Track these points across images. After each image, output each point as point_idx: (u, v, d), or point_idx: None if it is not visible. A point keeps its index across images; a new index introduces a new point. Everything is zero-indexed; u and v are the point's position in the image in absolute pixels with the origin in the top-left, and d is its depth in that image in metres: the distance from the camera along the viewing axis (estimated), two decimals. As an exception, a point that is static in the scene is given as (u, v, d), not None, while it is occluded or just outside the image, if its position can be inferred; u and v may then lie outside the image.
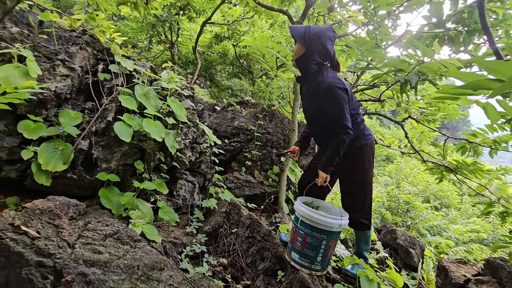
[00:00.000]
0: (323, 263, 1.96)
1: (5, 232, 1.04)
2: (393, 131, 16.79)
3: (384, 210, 6.33)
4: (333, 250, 1.98)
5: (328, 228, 1.84)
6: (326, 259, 1.95)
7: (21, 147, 2.09)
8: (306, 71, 2.01)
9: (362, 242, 2.20)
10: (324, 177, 1.97)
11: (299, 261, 1.96)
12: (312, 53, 1.92)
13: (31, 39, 2.15)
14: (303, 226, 1.92)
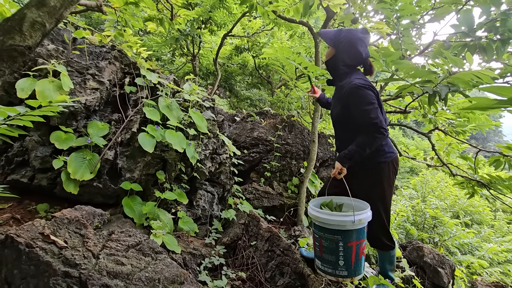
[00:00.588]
0: (349, 268, 1.72)
1: (35, 241, 1.08)
2: (417, 141, 16.12)
3: (409, 225, 6.02)
4: (358, 251, 1.72)
5: (340, 227, 1.65)
6: (351, 262, 1.72)
7: (52, 156, 2.21)
8: (335, 74, 1.97)
9: (386, 262, 2.06)
10: (339, 169, 1.83)
11: (322, 268, 1.79)
12: (341, 55, 1.88)
13: (65, 55, 2.29)
14: (316, 229, 1.78)
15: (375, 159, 1.88)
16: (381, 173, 1.88)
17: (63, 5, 0.76)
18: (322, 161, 4.05)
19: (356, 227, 1.68)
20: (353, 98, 1.77)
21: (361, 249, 1.75)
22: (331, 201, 1.99)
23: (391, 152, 1.92)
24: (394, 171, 1.94)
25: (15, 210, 2.22)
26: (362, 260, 1.79)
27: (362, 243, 1.75)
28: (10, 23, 0.73)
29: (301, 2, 1.77)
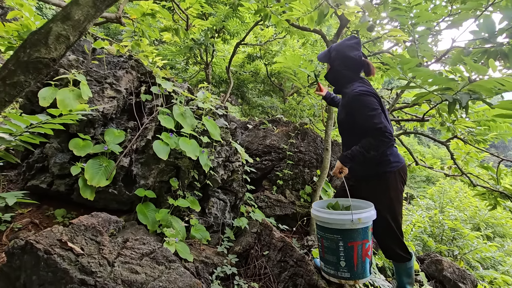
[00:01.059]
0: (352, 269, 1.67)
1: (53, 248, 1.10)
2: (433, 150, 15.66)
3: (426, 236, 5.80)
4: (360, 252, 1.67)
5: (339, 226, 1.63)
6: (353, 264, 1.66)
7: (70, 163, 2.26)
8: (338, 84, 2.03)
9: (403, 274, 1.98)
10: (340, 167, 1.85)
11: (325, 269, 1.78)
12: (337, 66, 1.95)
13: (85, 65, 2.37)
14: (317, 229, 1.77)
15: (380, 168, 1.87)
16: (387, 182, 1.87)
17: (86, 18, 0.79)
18: (336, 169, 3.98)
19: (356, 226, 1.64)
20: (356, 105, 1.81)
21: (365, 250, 1.67)
22: (336, 202, 1.97)
23: (396, 161, 1.89)
24: (402, 180, 1.91)
25: (34, 215, 2.28)
26: (367, 262, 1.71)
27: (366, 244, 1.67)
28: (36, 36, 0.77)
29: (316, 11, 1.77)
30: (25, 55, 0.76)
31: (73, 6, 0.78)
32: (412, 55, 2.29)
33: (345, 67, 1.93)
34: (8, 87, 0.75)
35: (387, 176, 1.87)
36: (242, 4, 2.80)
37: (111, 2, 0.81)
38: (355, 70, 1.96)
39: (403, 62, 1.55)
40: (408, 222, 6.35)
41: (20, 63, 0.75)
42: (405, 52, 4.11)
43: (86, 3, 0.78)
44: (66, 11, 0.78)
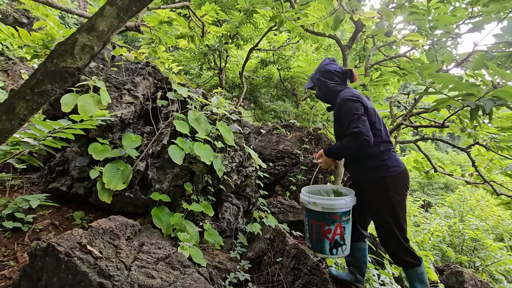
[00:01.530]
0: (312, 242, 2.04)
1: (74, 251, 1.13)
2: (452, 156, 15.11)
3: (445, 246, 5.58)
4: (318, 230, 1.96)
5: (304, 205, 2.00)
6: (312, 238, 2.02)
7: (89, 166, 2.33)
8: (329, 100, 2.17)
9: (415, 281, 1.91)
10: (321, 155, 2.06)
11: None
12: (323, 83, 2.10)
13: (105, 72, 2.45)
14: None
15: (378, 174, 1.89)
16: (386, 187, 1.87)
17: (110, 29, 0.82)
18: (350, 175, 3.91)
19: (315, 208, 1.92)
20: (343, 110, 1.90)
21: (323, 231, 1.95)
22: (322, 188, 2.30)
23: (395, 166, 1.90)
24: (403, 184, 1.91)
25: (54, 216, 2.36)
26: (326, 242, 1.96)
27: (324, 227, 1.94)
28: (63, 47, 0.80)
29: (331, 17, 1.77)
30: (52, 65, 0.79)
31: (98, 18, 0.81)
32: (431, 59, 2.23)
33: (331, 80, 2.07)
34: (36, 95, 0.79)
35: (386, 181, 1.87)
36: (257, 11, 2.83)
37: (133, 13, 0.83)
38: (341, 80, 2.08)
39: (423, 68, 1.51)
40: (426, 230, 6.14)
41: (47, 72, 0.79)
42: (423, 55, 4.02)
43: (110, 14, 0.81)
44: (91, 22, 0.81)
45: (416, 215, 6.96)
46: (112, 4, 0.81)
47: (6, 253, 1.94)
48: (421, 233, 6.16)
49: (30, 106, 0.80)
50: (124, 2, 0.80)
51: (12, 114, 0.79)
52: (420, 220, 6.95)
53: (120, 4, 0.81)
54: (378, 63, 3.64)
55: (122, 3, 0.80)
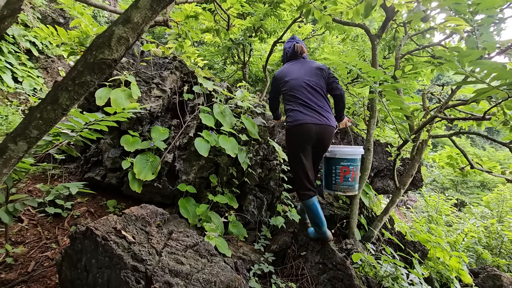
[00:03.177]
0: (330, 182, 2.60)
1: (109, 235, 1.19)
2: (490, 152, 14.04)
3: (481, 248, 5.24)
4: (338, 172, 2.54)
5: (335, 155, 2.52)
6: (335, 179, 2.57)
7: (121, 157, 2.45)
8: None
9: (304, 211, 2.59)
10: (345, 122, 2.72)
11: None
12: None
13: (135, 67, 2.54)
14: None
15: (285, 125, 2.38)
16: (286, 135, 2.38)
17: (144, 20, 0.84)
18: (377, 171, 3.78)
19: (331, 156, 2.51)
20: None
21: (342, 172, 2.50)
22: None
23: (290, 122, 2.29)
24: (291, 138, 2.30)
25: (90, 204, 2.51)
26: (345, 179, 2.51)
27: (343, 170, 2.50)
28: (101, 39, 0.84)
29: (362, 4, 1.68)
30: (91, 56, 0.83)
31: (133, 10, 0.84)
32: (471, 46, 2.07)
33: (283, 57, 2.65)
34: (77, 86, 0.84)
35: (286, 130, 2.37)
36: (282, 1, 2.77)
37: (166, 4, 0.85)
38: (286, 57, 2.59)
39: (463, 55, 1.40)
40: (459, 231, 5.79)
41: (87, 64, 0.83)
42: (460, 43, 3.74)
43: (144, 5, 0.83)
44: (127, 15, 0.84)
45: (448, 214, 6.59)
46: (146, -4, 0.83)
47: (49, 236, 2.11)
48: (453, 233, 5.84)
49: (71, 97, 0.85)
50: (157, -7, 0.83)
51: (56, 104, 0.84)
52: (453, 220, 6.58)
53: (154, -5, 0.83)
54: (410, 53, 3.44)
55: (155, -6, 0.83)
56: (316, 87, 2.30)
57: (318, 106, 2.25)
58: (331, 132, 2.29)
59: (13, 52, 4.34)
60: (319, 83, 2.32)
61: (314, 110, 2.23)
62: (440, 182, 11.20)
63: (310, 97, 2.26)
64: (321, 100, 2.30)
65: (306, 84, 2.29)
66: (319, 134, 2.23)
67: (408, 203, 9.47)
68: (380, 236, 3.32)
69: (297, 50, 2.47)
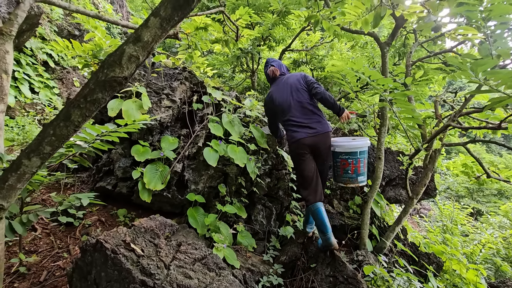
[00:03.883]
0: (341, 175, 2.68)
1: (119, 248, 1.20)
2: (507, 159, 13.58)
3: (500, 260, 5.02)
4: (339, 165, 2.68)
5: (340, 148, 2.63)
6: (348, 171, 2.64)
7: (132, 167, 2.48)
8: None
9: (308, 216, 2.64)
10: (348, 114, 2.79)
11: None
12: None
13: (146, 78, 2.59)
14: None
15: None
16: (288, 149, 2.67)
17: (154, 39, 0.86)
18: (389, 179, 3.69)
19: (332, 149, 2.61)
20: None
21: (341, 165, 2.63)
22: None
23: (288, 140, 2.56)
24: (291, 151, 2.53)
25: (101, 213, 2.55)
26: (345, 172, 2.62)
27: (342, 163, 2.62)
28: (112, 58, 0.86)
29: (371, 13, 1.68)
30: (103, 75, 0.85)
31: (143, 29, 0.86)
32: (484, 54, 2.02)
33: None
34: (89, 103, 0.86)
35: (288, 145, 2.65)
36: (290, 12, 2.79)
37: (175, 23, 0.87)
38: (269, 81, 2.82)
39: (477, 64, 1.37)
40: (476, 241, 5.58)
41: (98, 82, 0.85)
42: (472, 50, 3.66)
43: (154, 25, 0.85)
44: (137, 34, 0.86)
45: (464, 224, 6.37)
46: (156, 15, 0.85)
47: (61, 245, 2.14)
48: (470, 244, 5.62)
49: (83, 114, 0.87)
50: (167, 13, 0.84)
51: (68, 121, 0.87)
52: (469, 230, 6.35)
53: (164, 15, 0.84)
54: (421, 59, 3.39)
55: (165, 14, 0.84)
56: (301, 102, 2.54)
57: (307, 121, 2.50)
58: (323, 138, 2.50)
59: (30, 64, 4.51)
60: (302, 97, 2.55)
61: (304, 126, 2.48)
62: (455, 190, 10.86)
63: (298, 115, 2.52)
64: (308, 114, 2.53)
65: (293, 104, 2.53)
66: (313, 143, 2.46)
67: (422, 211, 9.21)
68: (392, 247, 3.23)
69: (269, 74, 2.77)
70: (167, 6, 0.84)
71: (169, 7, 0.83)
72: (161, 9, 0.84)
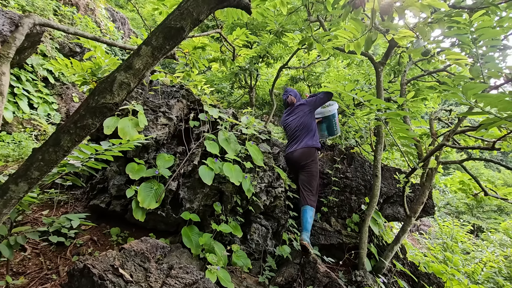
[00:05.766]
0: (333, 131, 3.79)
1: (107, 274, 1.16)
2: (505, 174, 13.55)
3: (502, 279, 4.91)
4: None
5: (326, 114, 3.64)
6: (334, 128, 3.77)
7: (126, 185, 2.46)
8: None
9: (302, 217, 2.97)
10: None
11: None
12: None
13: (143, 96, 2.62)
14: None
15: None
16: None
17: (145, 67, 0.88)
18: (387, 197, 3.66)
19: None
20: None
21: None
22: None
23: (286, 152, 3.31)
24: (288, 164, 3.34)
25: (93, 232, 2.50)
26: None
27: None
28: (103, 85, 0.88)
29: (363, 37, 1.72)
30: (94, 101, 0.86)
31: (135, 57, 0.88)
32: (475, 75, 2.06)
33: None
34: (79, 129, 0.86)
35: None
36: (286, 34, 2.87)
37: (166, 51, 0.89)
38: (284, 108, 3.62)
39: (467, 88, 1.39)
40: (477, 260, 5.47)
41: (89, 108, 0.86)
42: (465, 70, 3.73)
43: (146, 53, 0.87)
44: (129, 61, 0.88)
45: (464, 241, 6.27)
46: (148, 44, 0.87)
47: (50, 266, 2.08)
48: (471, 262, 5.51)
49: (73, 139, 0.87)
50: (158, 42, 0.86)
51: (58, 146, 0.87)
52: (470, 247, 6.24)
53: (155, 44, 0.86)
54: (415, 78, 3.45)
55: (156, 43, 0.86)
56: (299, 127, 3.22)
57: (296, 140, 3.21)
58: (303, 152, 3.10)
59: (30, 80, 4.56)
60: (301, 122, 3.23)
61: (293, 144, 3.21)
62: (455, 206, 10.77)
63: (293, 136, 3.26)
64: (300, 135, 3.20)
65: (294, 129, 3.27)
66: (294, 157, 3.13)
67: (422, 228, 9.09)
68: (391, 267, 3.16)
69: (288, 102, 3.48)
70: (159, 36, 0.86)
71: (161, 37, 0.85)
72: (153, 38, 0.86)
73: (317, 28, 4.06)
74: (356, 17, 1.55)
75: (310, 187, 3.06)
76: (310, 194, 3.04)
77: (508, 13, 2.73)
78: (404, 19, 1.74)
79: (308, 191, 3.04)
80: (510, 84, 2.57)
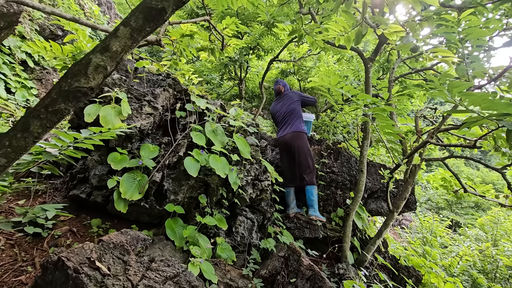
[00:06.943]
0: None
1: (82, 267, 1.12)
2: (484, 172, 14.10)
3: (476, 272, 5.14)
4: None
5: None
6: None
7: (108, 175, 2.38)
8: None
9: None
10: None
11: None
12: None
13: (127, 83, 2.52)
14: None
15: None
16: None
17: (123, 49, 0.82)
18: (371, 192, 3.73)
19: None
20: None
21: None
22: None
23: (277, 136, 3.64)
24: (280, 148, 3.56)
25: (73, 223, 2.41)
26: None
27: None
28: (77, 67, 0.81)
29: (353, 31, 1.70)
30: (66, 84, 0.80)
31: (112, 38, 0.82)
32: (461, 74, 2.09)
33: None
34: (50, 114, 0.80)
35: None
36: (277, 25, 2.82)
37: (147, 33, 0.83)
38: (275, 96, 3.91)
39: (452, 86, 1.40)
40: (454, 253, 5.70)
41: (61, 92, 0.80)
42: (451, 69, 3.81)
43: (124, 35, 0.81)
44: (105, 43, 0.82)
45: (442, 236, 6.51)
46: (126, 25, 0.81)
47: (26, 258, 2.00)
48: (448, 255, 5.74)
49: (44, 125, 0.81)
50: (137, 23, 0.80)
51: (27, 132, 0.80)
52: (448, 242, 6.49)
53: (134, 25, 0.81)
54: (403, 76, 3.48)
55: (135, 24, 0.81)
56: (288, 112, 3.53)
57: (286, 124, 3.50)
58: (294, 135, 3.39)
59: (7, 62, 4.32)
60: (290, 108, 3.54)
61: (284, 128, 3.50)
62: (435, 202, 11.16)
63: (283, 121, 3.56)
64: (289, 119, 3.50)
65: (284, 114, 3.57)
66: (286, 139, 3.40)
67: (403, 222, 9.38)
68: (373, 260, 3.23)
69: (276, 90, 3.87)
70: (138, 17, 0.80)
71: (141, 18, 0.80)
72: (132, 19, 0.80)
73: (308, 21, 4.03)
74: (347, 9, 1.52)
75: (307, 167, 3.28)
76: (309, 173, 3.27)
77: (494, 15, 2.78)
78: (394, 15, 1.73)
79: (307, 172, 3.27)
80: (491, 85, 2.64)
